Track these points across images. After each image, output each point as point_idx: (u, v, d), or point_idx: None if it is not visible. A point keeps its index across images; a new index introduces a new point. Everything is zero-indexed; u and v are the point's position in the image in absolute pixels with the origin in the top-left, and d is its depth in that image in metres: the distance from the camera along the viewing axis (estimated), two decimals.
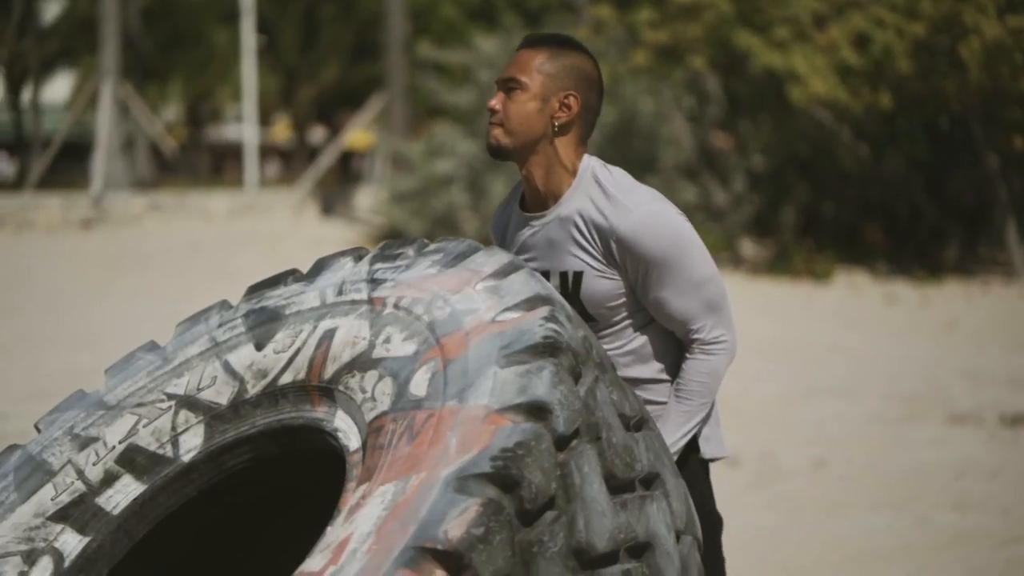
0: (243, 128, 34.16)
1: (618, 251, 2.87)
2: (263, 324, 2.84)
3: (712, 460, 3.05)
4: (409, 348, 2.57)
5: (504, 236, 3.08)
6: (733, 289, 15.45)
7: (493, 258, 2.69)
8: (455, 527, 2.18)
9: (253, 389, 2.77)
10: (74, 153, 41.75)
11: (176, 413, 2.84)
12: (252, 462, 2.80)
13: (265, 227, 26.02)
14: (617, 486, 2.47)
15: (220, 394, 2.81)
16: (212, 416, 2.81)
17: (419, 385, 2.49)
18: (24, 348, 11.62)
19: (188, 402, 2.84)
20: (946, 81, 15.28)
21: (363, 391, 2.58)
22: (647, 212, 2.86)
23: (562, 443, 2.36)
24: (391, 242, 2.86)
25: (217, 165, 50.58)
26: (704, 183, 18.12)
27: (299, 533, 3.12)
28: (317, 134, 45.62)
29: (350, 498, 2.37)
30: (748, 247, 17.90)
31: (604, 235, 2.87)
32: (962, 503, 6.52)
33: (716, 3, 16.70)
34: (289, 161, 47.33)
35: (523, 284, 2.60)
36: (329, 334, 2.70)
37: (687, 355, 2.95)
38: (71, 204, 27.48)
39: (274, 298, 2.88)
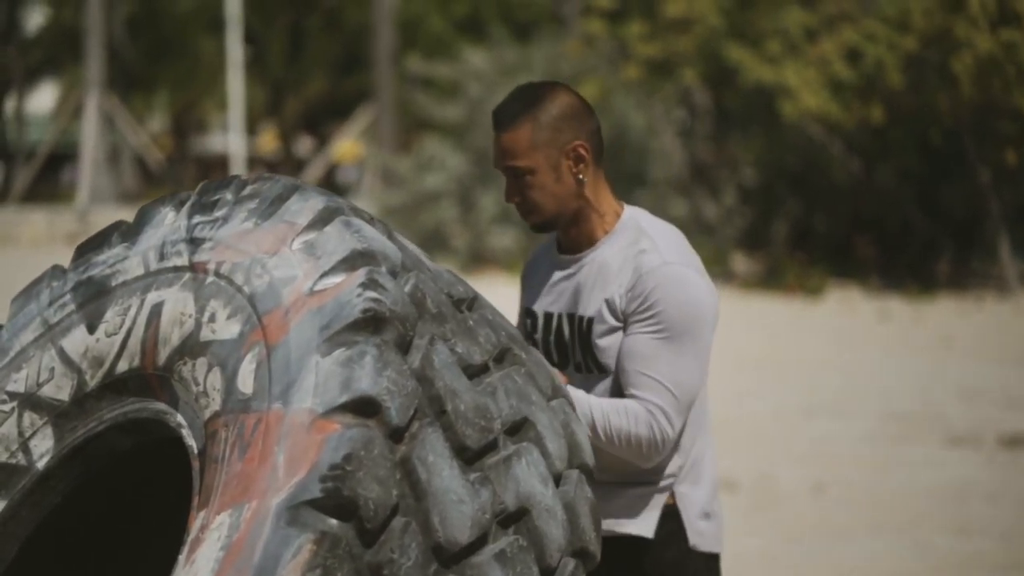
0: (229, 139, 34.04)
1: (633, 290, 2.72)
2: (92, 300, 2.55)
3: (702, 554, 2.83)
4: (234, 329, 2.31)
5: (533, 277, 2.94)
6: (725, 305, 15.34)
7: (308, 203, 2.39)
8: (290, 573, 2.00)
9: (93, 380, 2.50)
10: (58, 164, 41.58)
11: (20, 415, 2.55)
12: (110, 458, 2.55)
13: None
14: (474, 456, 2.24)
15: (60, 389, 2.53)
16: (57, 415, 2.53)
17: (245, 380, 2.24)
18: None
19: (30, 401, 2.55)
20: (938, 95, 15.24)
21: (196, 383, 2.32)
22: (681, 272, 2.72)
23: (398, 435, 2.13)
24: (209, 184, 2.57)
25: (203, 176, 50.41)
26: (695, 197, 18.05)
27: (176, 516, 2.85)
28: (304, 145, 45.51)
29: (193, 524, 2.17)
30: (739, 261, 17.83)
31: (631, 274, 2.73)
32: (963, 527, 6.43)
33: (707, 17, 16.65)
34: (276, 172, 47.09)
35: (339, 238, 2.31)
36: (156, 310, 2.43)
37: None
38: (56, 217, 27.31)
39: (100, 266, 2.57)
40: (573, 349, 2.81)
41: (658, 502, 2.80)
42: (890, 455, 7.95)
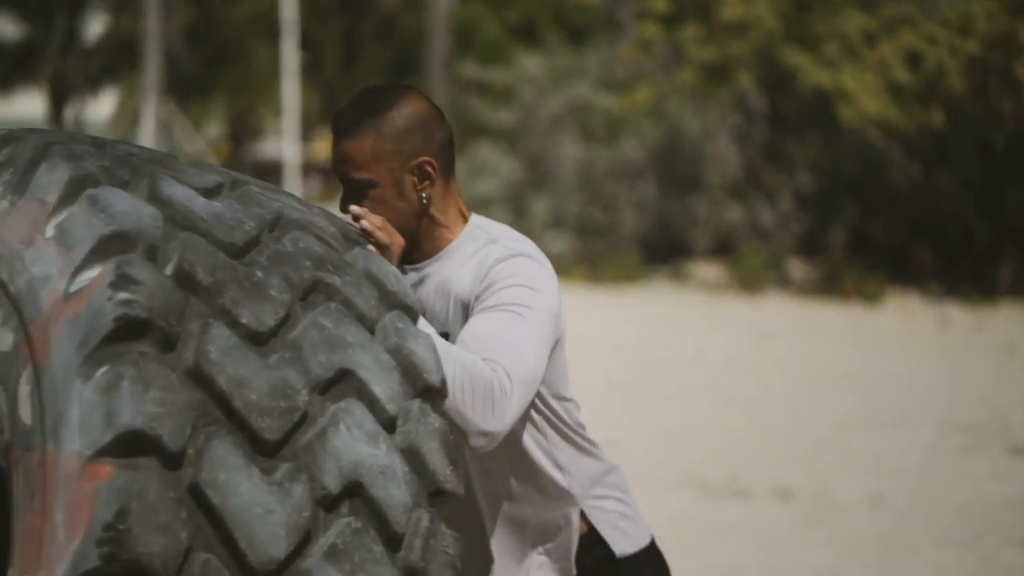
0: (283, 145, 34.14)
1: (479, 284, 2.53)
2: None
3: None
4: (7, 339, 2.01)
5: None
6: (781, 311, 15.28)
7: (55, 174, 2.04)
8: None
9: None
10: None
11: None
12: None
13: None
14: (276, 448, 1.96)
15: None
16: None
17: (24, 407, 1.96)
18: None
19: None
20: (1000, 99, 15.00)
21: None
22: (526, 261, 2.53)
23: (178, 462, 1.87)
24: None
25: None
26: (751, 203, 17.87)
27: None
28: None
29: None
30: (796, 268, 17.62)
31: (475, 272, 2.54)
32: None
33: (764, 20, 16.47)
34: (330, 178, 47.37)
35: (87, 220, 1.98)
36: None
37: None
38: None
39: None
40: None
41: (568, 533, 2.63)
42: (952, 466, 7.75)
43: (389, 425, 2.08)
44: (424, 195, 2.53)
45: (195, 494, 1.88)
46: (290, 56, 30.98)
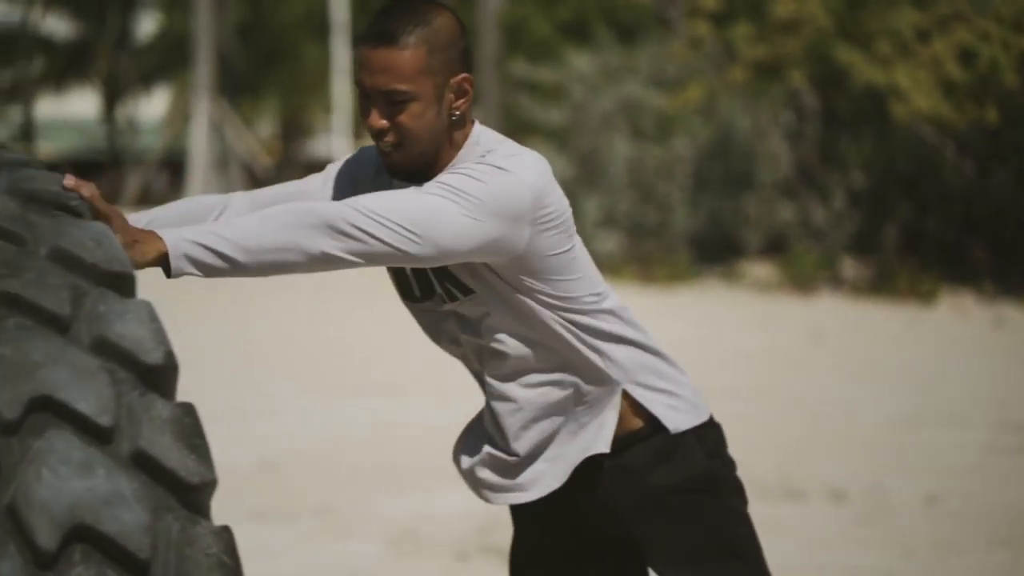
0: (333, 143, 34.24)
1: None
2: None
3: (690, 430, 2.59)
4: None
5: (366, 185, 2.56)
6: (834, 310, 15.20)
7: None
8: None
9: None
10: (170, 170, 42.16)
11: None
12: None
13: None
14: None
15: None
16: None
17: None
18: None
19: None
20: None
21: None
22: (503, 165, 2.41)
23: None
24: None
25: None
26: (803, 201, 17.78)
27: None
28: None
29: None
30: (849, 267, 17.52)
31: None
32: None
33: (816, 18, 16.39)
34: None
35: None
36: None
37: None
38: None
39: None
40: (429, 279, 2.50)
41: (609, 415, 2.55)
42: (1007, 466, 7.69)
43: (106, 438, 1.76)
44: (457, 113, 2.45)
45: None
46: (340, 54, 31.10)
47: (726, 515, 2.67)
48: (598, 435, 2.56)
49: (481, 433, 2.65)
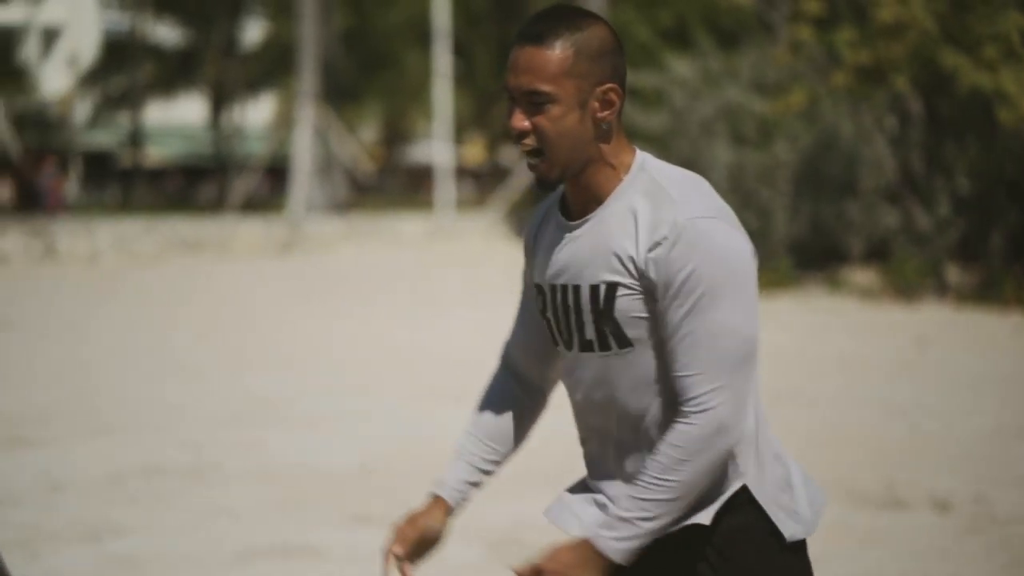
0: (434, 149, 34.42)
1: (654, 250, 2.37)
2: None
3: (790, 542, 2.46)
4: None
5: (538, 246, 2.55)
6: (938, 318, 14.99)
7: None
8: None
9: None
10: (275, 175, 42.64)
11: None
12: None
13: (458, 250, 26.12)
14: None
15: None
16: None
17: None
18: (218, 372, 11.75)
19: None
20: None
21: None
22: (703, 223, 2.36)
23: None
24: None
25: (413, 185, 51.22)
26: (907, 207, 17.57)
27: None
28: (509, 154, 45.87)
29: None
30: (954, 274, 17.29)
31: (650, 232, 2.36)
32: None
33: (920, 22, 16.20)
34: (481, 182, 47.66)
35: None
36: None
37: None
38: (270, 227, 27.99)
39: None
40: (584, 324, 2.44)
41: (718, 492, 2.46)
42: None
43: None
44: (604, 124, 2.40)
45: None
46: (442, 61, 31.27)
47: None
48: (701, 508, 2.48)
49: (589, 491, 2.59)
